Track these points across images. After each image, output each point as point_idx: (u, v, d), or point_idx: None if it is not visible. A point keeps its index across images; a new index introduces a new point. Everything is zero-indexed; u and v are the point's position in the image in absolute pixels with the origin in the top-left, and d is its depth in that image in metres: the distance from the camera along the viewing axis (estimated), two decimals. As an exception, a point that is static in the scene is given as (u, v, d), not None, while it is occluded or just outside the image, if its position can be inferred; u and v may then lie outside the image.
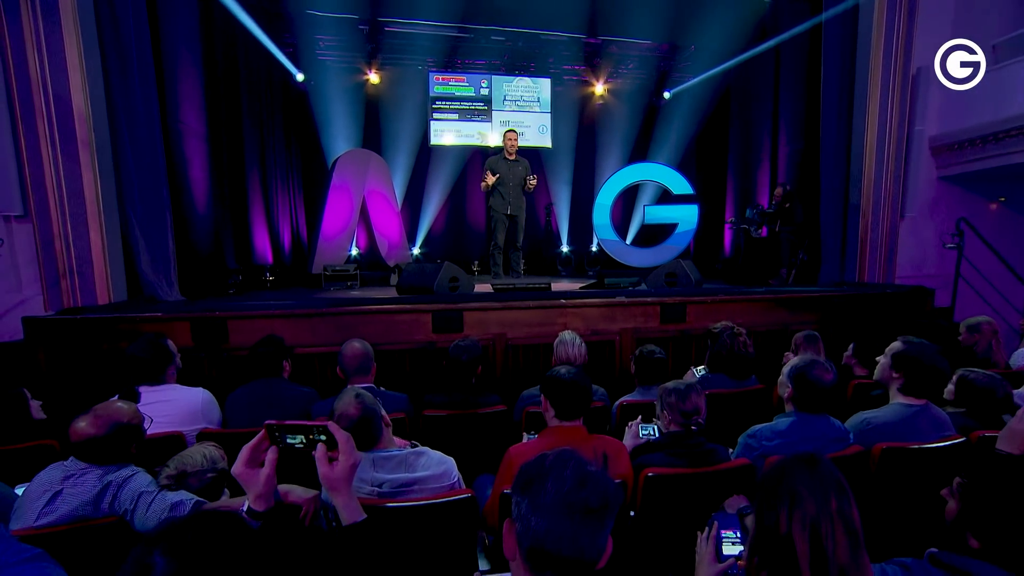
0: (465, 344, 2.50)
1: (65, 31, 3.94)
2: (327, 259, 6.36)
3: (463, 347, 2.48)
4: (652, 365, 2.54)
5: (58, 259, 4.04)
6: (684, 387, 1.90)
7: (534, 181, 5.55)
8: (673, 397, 1.89)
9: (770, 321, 4.34)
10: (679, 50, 8.12)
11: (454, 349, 2.50)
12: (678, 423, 1.87)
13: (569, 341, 2.61)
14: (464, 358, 2.44)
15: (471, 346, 2.51)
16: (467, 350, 2.46)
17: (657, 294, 4.33)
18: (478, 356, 2.51)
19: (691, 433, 1.86)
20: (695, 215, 7.52)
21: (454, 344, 2.53)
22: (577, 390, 1.74)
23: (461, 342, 2.53)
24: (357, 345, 2.39)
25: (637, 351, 2.63)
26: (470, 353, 2.46)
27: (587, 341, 3.95)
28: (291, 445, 1.05)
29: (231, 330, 3.61)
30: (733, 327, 2.92)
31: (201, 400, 2.18)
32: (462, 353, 2.45)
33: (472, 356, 2.46)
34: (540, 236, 8.91)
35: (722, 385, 2.74)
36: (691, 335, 4.22)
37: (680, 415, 1.86)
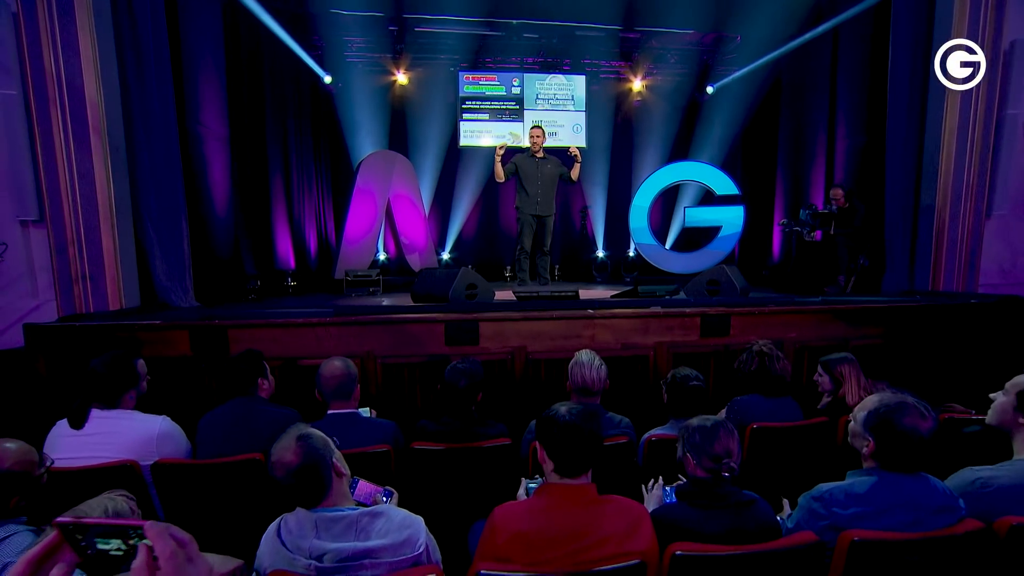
0: (463, 367, 2.16)
1: (80, 31, 3.86)
2: (351, 264, 6.18)
3: (461, 370, 2.14)
4: (687, 395, 2.13)
5: (71, 264, 3.97)
6: (711, 424, 1.51)
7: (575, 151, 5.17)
8: (698, 437, 1.51)
9: (827, 335, 3.82)
10: (724, 41, 7.60)
11: (450, 372, 2.16)
12: (705, 468, 1.48)
13: (586, 362, 2.22)
14: (462, 384, 2.10)
15: (470, 369, 2.16)
16: (466, 374, 2.12)
17: (697, 304, 3.89)
18: (479, 381, 2.17)
19: (721, 480, 1.46)
20: (740, 217, 6.99)
21: (451, 366, 2.20)
22: (579, 438, 1.36)
23: (459, 364, 2.19)
24: (337, 364, 2.10)
25: (669, 375, 2.22)
26: (469, 378, 2.12)
27: (617, 356, 3.63)
28: (103, 552, 0.64)
29: (232, 339, 3.41)
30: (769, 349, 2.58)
31: (158, 431, 1.92)
32: (460, 378, 2.12)
33: (472, 381, 2.13)
34: (575, 241, 8.55)
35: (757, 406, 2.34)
36: (735, 351, 3.74)
37: (708, 459, 1.47)
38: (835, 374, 2.53)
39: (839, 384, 2.50)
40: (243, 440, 2.04)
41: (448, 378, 2.14)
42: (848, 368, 2.51)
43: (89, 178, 3.95)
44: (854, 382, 2.45)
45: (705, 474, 1.48)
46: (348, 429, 1.97)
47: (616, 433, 2.06)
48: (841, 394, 2.49)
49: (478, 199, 8.15)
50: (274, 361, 3.38)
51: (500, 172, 5.13)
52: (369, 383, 3.44)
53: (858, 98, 5.57)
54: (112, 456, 1.80)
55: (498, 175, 5.16)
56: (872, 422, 1.44)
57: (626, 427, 2.15)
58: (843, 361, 2.55)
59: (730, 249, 7.23)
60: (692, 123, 8.14)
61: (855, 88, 5.51)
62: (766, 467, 2.07)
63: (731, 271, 4.23)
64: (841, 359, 2.56)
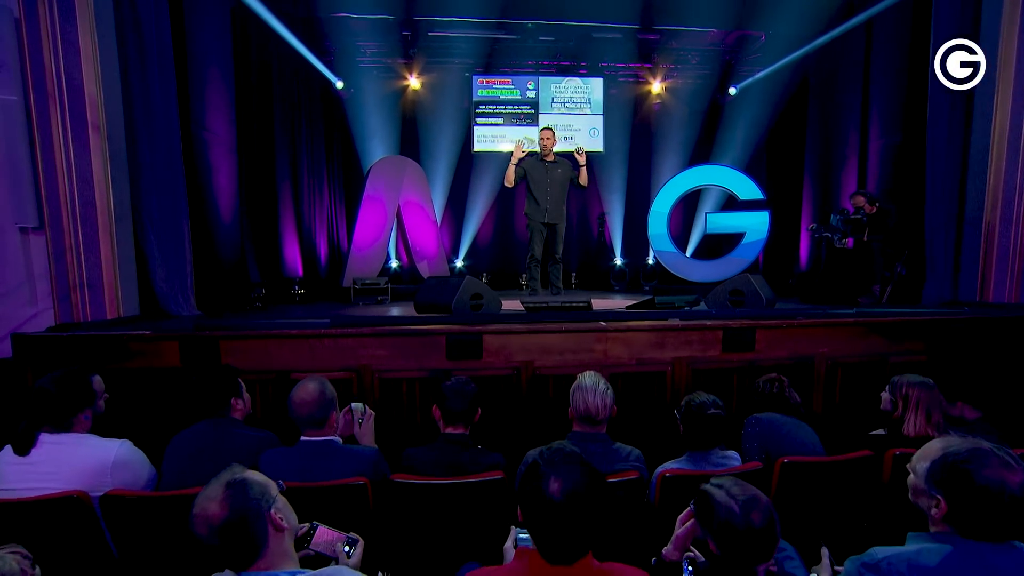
0: (452, 385, 1.94)
1: (82, 35, 3.79)
2: (359, 272, 6.04)
3: (450, 390, 1.92)
4: (706, 426, 1.86)
5: (69, 272, 3.88)
6: (744, 500, 1.18)
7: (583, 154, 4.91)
8: (723, 513, 1.18)
9: (862, 351, 3.50)
10: (747, 40, 7.29)
11: (446, 388, 1.94)
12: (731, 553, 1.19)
13: (590, 387, 1.94)
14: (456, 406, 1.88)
15: (461, 389, 1.94)
16: (456, 395, 1.90)
17: (719, 316, 3.60)
18: (471, 400, 1.94)
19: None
20: (765, 223, 6.66)
21: (445, 384, 1.97)
22: (574, 524, 1.06)
23: (449, 383, 1.97)
24: (311, 388, 1.88)
25: (683, 402, 1.96)
26: (461, 400, 1.90)
27: (631, 372, 3.37)
28: None
29: (224, 351, 3.25)
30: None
31: (114, 457, 1.74)
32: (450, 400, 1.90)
33: (464, 404, 1.90)
34: (592, 248, 8.33)
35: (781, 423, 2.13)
36: (760, 367, 3.45)
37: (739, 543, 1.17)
38: (899, 395, 2.19)
39: (897, 407, 2.19)
40: (211, 467, 1.83)
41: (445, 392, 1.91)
42: (920, 393, 2.15)
43: (89, 184, 3.87)
44: (921, 413, 2.11)
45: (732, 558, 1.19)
46: (321, 459, 1.77)
47: (624, 468, 1.81)
48: (897, 415, 2.19)
49: (492, 205, 7.97)
50: (266, 374, 3.25)
51: (511, 176, 4.91)
52: (366, 398, 3.24)
53: (894, 95, 5.21)
54: (59, 486, 1.63)
55: (508, 179, 4.94)
56: (940, 475, 1.15)
57: (636, 460, 1.89)
58: (918, 385, 2.18)
59: (754, 257, 6.90)
60: (714, 126, 7.84)
61: (891, 84, 5.17)
62: (798, 507, 1.79)
63: (756, 280, 3.93)
64: (919, 382, 2.19)
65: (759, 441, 2.15)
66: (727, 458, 1.88)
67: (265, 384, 3.24)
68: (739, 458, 1.93)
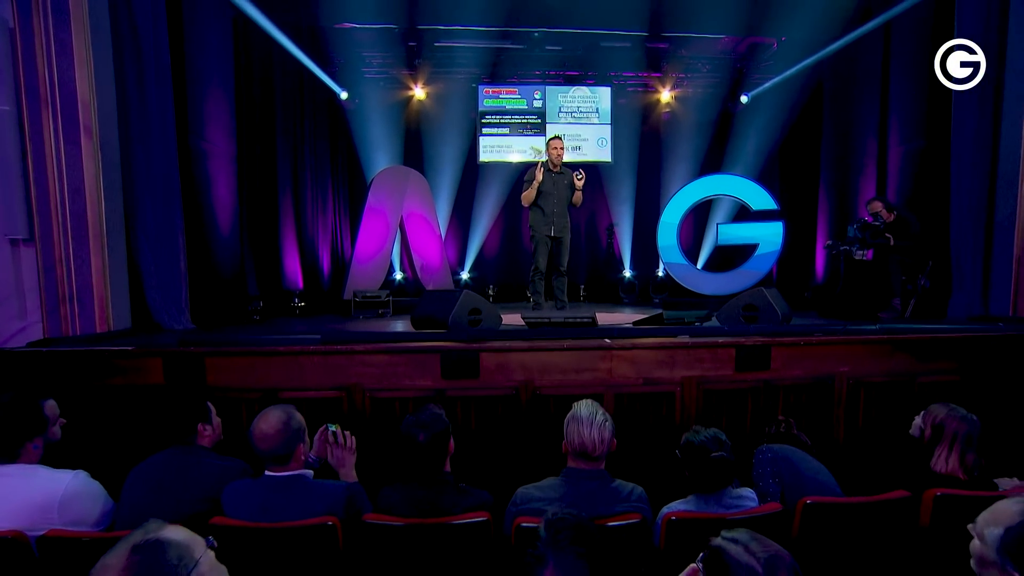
0: (423, 418, 1.76)
1: (77, 44, 3.72)
2: (361, 284, 5.91)
3: (420, 422, 1.74)
4: (710, 469, 1.65)
5: (59, 284, 3.78)
6: (766, 559, 0.97)
7: (582, 177, 4.71)
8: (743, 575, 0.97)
9: (887, 370, 3.26)
10: (759, 48, 7.12)
11: (406, 425, 1.76)
12: None
13: (586, 418, 1.73)
14: (421, 438, 1.70)
15: (431, 420, 1.76)
16: (425, 426, 1.72)
17: (732, 332, 3.39)
18: (442, 433, 1.75)
19: None
20: (779, 234, 6.44)
21: (407, 419, 1.79)
22: None
23: (419, 415, 1.79)
24: (273, 419, 1.69)
25: (684, 439, 1.74)
26: (429, 430, 1.72)
27: (638, 393, 3.16)
28: None
29: (209, 368, 3.10)
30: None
31: (64, 491, 1.58)
32: (417, 431, 1.72)
33: (432, 434, 1.72)
34: (601, 260, 8.16)
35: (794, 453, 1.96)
36: (776, 387, 3.23)
37: None
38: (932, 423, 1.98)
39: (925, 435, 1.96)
40: (171, 500, 1.70)
41: (404, 431, 1.73)
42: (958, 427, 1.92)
43: (80, 194, 3.79)
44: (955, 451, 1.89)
45: None
46: (287, 495, 1.60)
47: (625, 510, 1.61)
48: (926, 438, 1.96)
49: (499, 216, 7.85)
50: (252, 392, 3.09)
51: (532, 196, 4.74)
52: (357, 419, 3.08)
53: (915, 99, 4.99)
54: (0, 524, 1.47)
55: (527, 199, 4.77)
56: (1011, 549, 0.95)
57: (638, 501, 1.68)
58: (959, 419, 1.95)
59: (768, 269, 6.66)
60: (725, 135, 7.66)
61: (911, 88, 4.96)
62: (824, 556, 1.58)
63: (771, 294, 3.72)
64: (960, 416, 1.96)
65: (772, 467, 1.96)
66: (741, 498, 1.68)
67: (251, 403, 3.07)
68: (754, 496, 1.72)
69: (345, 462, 1.93)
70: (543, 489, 1.70)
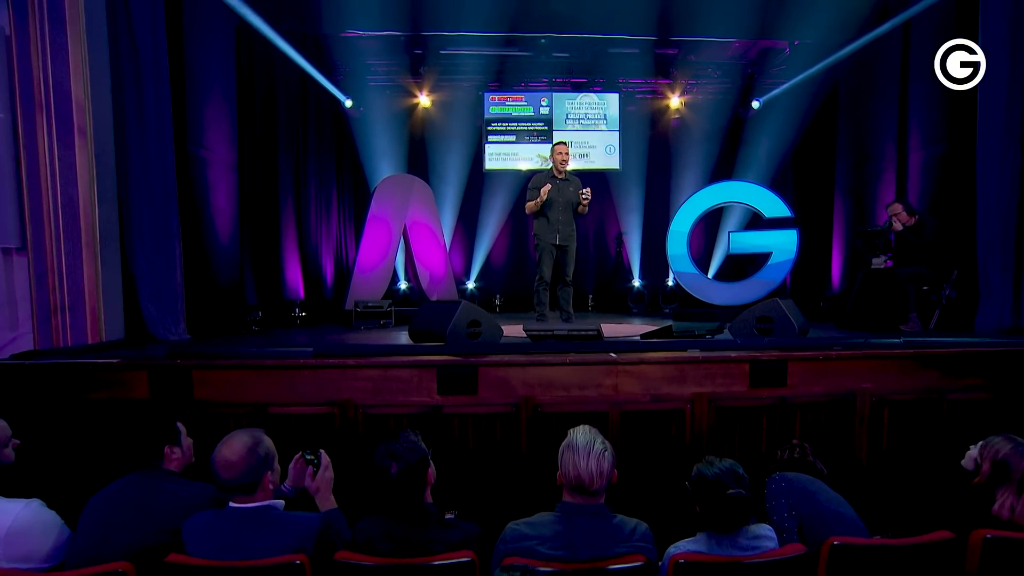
0: (396, 448, 1.59)
1: (72, 50, 3.67)
2: (363, 294, 5.80)
3: (393, 452, 1.57)
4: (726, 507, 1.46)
5: (51, 294, 3.70)
6: None
7: (587, 197, 4.57)
8: None
9: (914, 386, 3.06)
10: (771, 52, 6.97)
11: (378, 456, 1.60)
12: None
13: (582, 447, 1.55)
14: (394, 470, 1.54)
15: (406, 449, 1.59)
16: (398, 456, 1.56)
17: (746, 346, 3.22)
18: (417, 464, 1.59)
19: None
20: (794, 242, 6.25)
21: (379, 449, 1.63)
22: None
23: (391, 444, 1.63)
24: (237, 446, 1.53)
25: (695, 472, 1.56)
26: (403, 461, 1.56)
27: (645, 411, 2.98)
28: None
29: (196, 382, 2.98)
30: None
31: (10, 523, 1.44)
32: (389, 462, 1.56)
33: (407, 465, 1.56)
34: (609, 270, 8.00)
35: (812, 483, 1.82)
36: (793, 404, 3.04)
37: None
38: (990, 459, 1.74)
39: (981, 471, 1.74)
40: (130, 532, 1.55)
41: (378, 462, 1.57)
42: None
43: (74, 203, 3.72)
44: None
45: None
46: (253, 530, 1.45)
47: (626, 551, 1.44)
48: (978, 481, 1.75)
49: (505, 225, 7.74)
50: (241, 408, 2.96)
51: (536, 208, 4.61)
52: (349, 436, 2.94)
53: (937, 100, 4.77)
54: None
55: (532, 209, 4.65)
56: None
57: (642, 540, 1.50)
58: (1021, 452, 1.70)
59: (782, 278, 6.47)
60: (736, 141, 7.49)
61: (932, 88, 4.74)
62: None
63: (787, 305, 3.53)
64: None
65: (787, 498, 1.78)
66: (758, 538, 1.49)
67: (239, 419, 2.95)
68: (773, 536, 1.53)
69: (321, 487, 1.78)
70: (535, 526, 1.54)
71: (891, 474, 2.99)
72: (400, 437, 1.65)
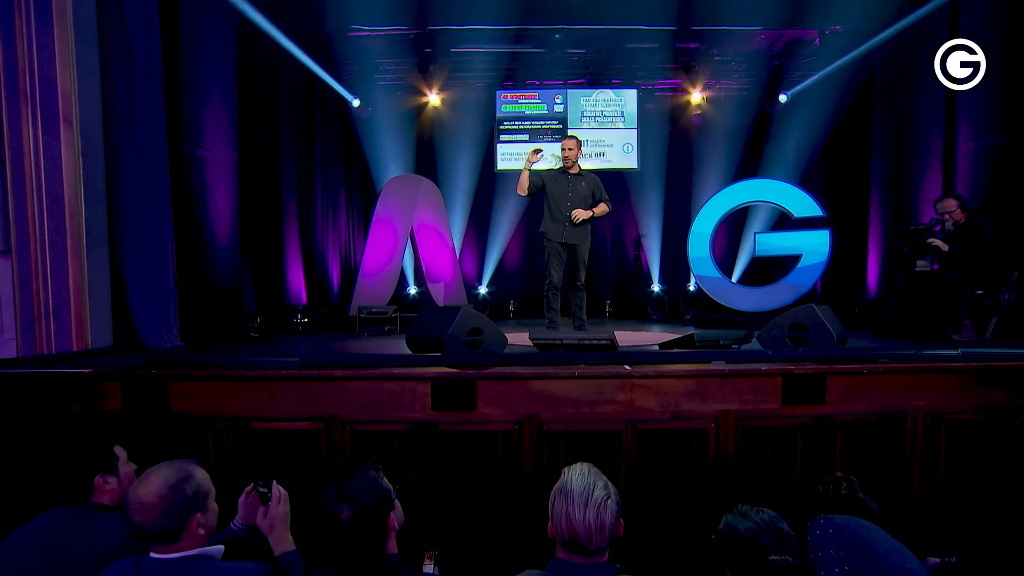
0: (350, 488, 1.30)
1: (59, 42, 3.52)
2: (368, 300, 5.57)
3: (345, 494, 1.29)
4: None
5: (35, 299, 3.55)
6: None
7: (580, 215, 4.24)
8: None
9: (976, 405, 2.68)
10: (799, 44, 6.59)
11: (326, 498, 1.31)
12: None
13: (578, 494, 1.24)
14: (345, 515, 1.26)
15: (362, 490, 1.30)
16: (353, 497, 1.27)
17: (777, 357, 2.88)
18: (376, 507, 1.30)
19: None
20: (826, 243, 5.83)
21: (328, 491, 1.33)
22: None
23: (342, 484, 1.33)
24: (155, 484, 1.26)
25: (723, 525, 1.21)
26: (357, 503, 1.27)
27: (665, 429, 2.67)
28: None
29: (173, 394, 2.76)
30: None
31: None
32: (340, 505, 1.27)
33: (360, 509, 1.27)
34: (627, 274, 7.71)
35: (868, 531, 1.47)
36: (833, 423, 2.70)
37: None
38: None
39: None
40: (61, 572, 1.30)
41: (325, 507, 1.29)
42: None
43: (59, 204, 3.57)
44: None
45: None
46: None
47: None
48: None
49: (519, 227, 7.49)
50: (220, 422, 2.74)
51: (525, 182, 4.35)
52: (336, 456, 2.69)
53: (992, 85, 4.33)
54: None
55: (521, 187, 4.38)
56: None
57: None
58: None
59: (812, 282, 6.05)
60: (761, 138, 7.13)
61: (987, 72, 4.33)
62: None
63: (823, 312, 3.16)
64: None
65: (837, 548, 1.44)
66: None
67: (219, 434, 2.73)
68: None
69: (275, 525, 1.50)
70: (519, 593, 1.24)
71: (950, 506, 2.61)
72: (356, 473, 1.37)
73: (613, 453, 2.62)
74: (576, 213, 4.22)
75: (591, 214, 4.29)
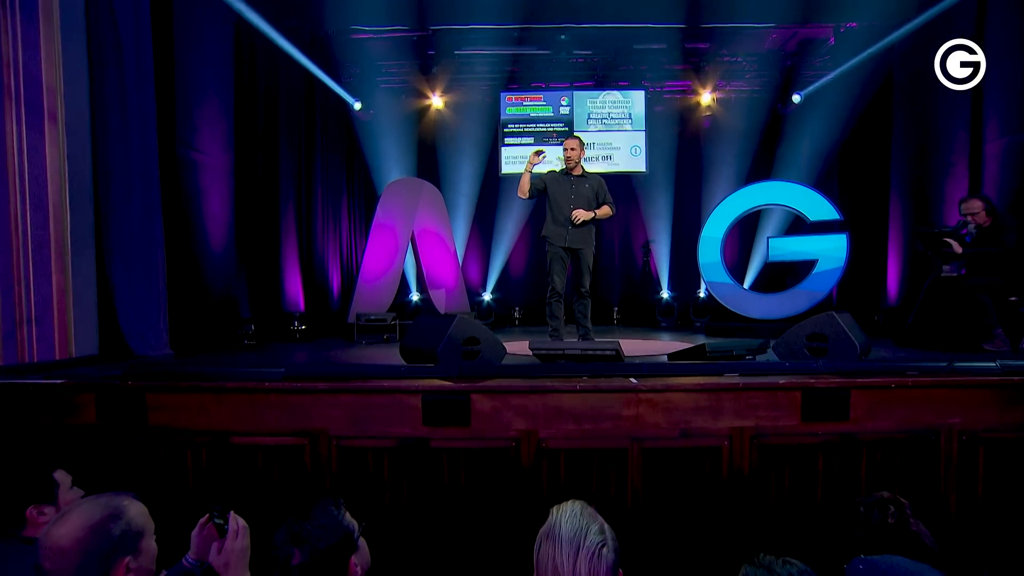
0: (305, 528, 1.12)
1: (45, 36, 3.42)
2: (367, 307, 5.42)
3: (297, 534, 1.11)
4: None
5: (16, 305, 3.42)
6: None
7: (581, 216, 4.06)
8: None
9: (1015, 421, 2.46)
10: (813, 43, 6.38)
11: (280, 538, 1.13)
12: None
13: (567, 539, 1.03)
14: (296, 560, 1.08)
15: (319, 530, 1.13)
16: (307, 539, 1.10)
17: (796, 370, 2.68)
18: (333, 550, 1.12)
19: None
20: (843, 248, 5.60)
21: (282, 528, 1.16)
22: None
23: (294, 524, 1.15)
24: (77, 522, 1.07)
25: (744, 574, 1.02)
26: (311, 545, 1.09)
27: (674, 448, 2.48)
28: None
29: (152, 406, 2.61)
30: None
31: None
32: (290, 548, 1.09)
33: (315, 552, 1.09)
34: (636, 281, 7.53)
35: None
36: (858, 442, 2.49)
37: None
38: None
39: None
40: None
41: (274, 550, 1.11)
42: None
43: (42, 208, 3.45)
44: None
45: None
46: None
47: None
48: None
49: (523, 232, 7.33)
50: (201, 436, 2.58)
51: (526, 185, 4.18)
52: (322, 473, 2.52)
53: (1021, 79, 4.11)
54: None
55: (521, 189, 4.21)
56: None
57: None
58: None
59: (829, 288, 5.81)
60: (774, 139, 6.94)
61: (1016, 66, 4.09)
62: None
63: (844, 320, 2.95)
64: None
65: None
66: None
67: (197, 448, 2.58)
68: None
69: (231, 562, 1.32)
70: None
71: (990, 530, 2.39)
72: (313, 512, 1.19)
73: (617, 473, 2.43)
74: (577, 213, 4.03)
75: (593, 215, 4.10)
